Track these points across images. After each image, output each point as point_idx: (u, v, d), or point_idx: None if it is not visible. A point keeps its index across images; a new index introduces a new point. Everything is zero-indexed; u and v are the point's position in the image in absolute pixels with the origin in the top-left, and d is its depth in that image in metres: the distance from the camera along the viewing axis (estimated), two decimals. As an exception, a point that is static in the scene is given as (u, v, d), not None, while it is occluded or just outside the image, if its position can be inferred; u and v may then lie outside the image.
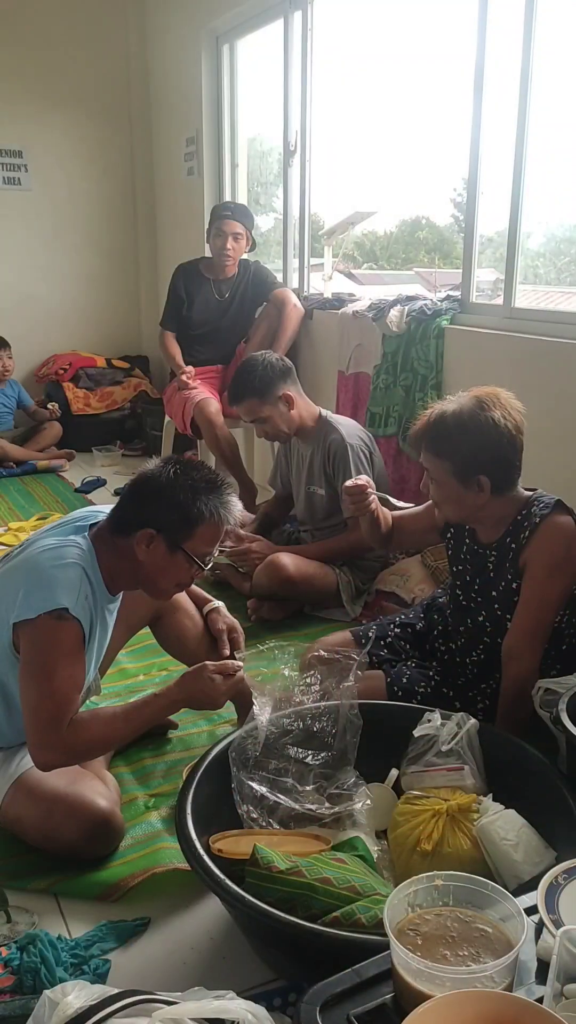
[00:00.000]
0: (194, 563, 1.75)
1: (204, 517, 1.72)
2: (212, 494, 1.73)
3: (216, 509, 1.73)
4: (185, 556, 1.73)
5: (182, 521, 1.71)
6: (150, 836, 1.81)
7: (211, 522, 1.73)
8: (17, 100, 5.20)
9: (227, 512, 1.75)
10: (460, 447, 1.85)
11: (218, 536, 1.77)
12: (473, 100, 3.02)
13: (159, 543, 1.72)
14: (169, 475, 1.72)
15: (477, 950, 1.01)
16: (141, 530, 1.71)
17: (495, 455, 1.86)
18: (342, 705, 1.75)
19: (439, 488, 1.93)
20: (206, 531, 1.73)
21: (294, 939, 1.25)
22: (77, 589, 1.65)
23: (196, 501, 1.71)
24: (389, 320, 3.34)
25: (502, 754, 1.69)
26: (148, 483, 1.75)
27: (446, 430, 1.86)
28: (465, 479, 1.87)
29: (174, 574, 1.77)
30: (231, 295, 4.09)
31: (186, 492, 1.71)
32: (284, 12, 4.03)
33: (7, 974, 1.40)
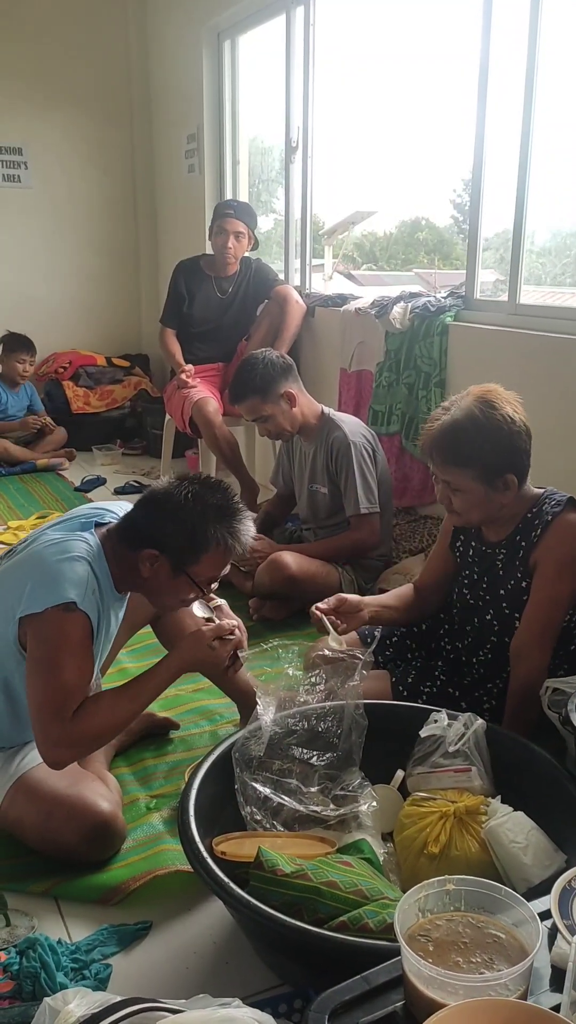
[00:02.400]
0: (197, 588, 1.73)
1: (211, 545, 1.68)
2: (223, 521, 1.69)
3: (225, 537, 1.69)
4: (188, 580, 1.71)
5: (188, 547, 1.68)
6: (152, 838, 1.78)
7: (218, 550, 1.69)
8: (17, 97, 5.17)
9: (236, 540, 1.71)
10: (483, 451, 1.81)
11: (225, 563, 1.74)
12: (477, 98, 2.99)
13: (163, 564, 1.69)
14: (181, 497, 1.69)
15: (490, 956, 0.98)
16: (146, 549, 1.68)
17: (517, 450, 1.83)
18: (347, 705, 1.73)
19: (464, 496, 1.87)
20: (212, 558, 1.70)
21: (300, 944, 1.22)
22: (84, 583, 1.63)
23: (206, 528, 1.68)
24: (392, 317, 3.31)
25: (510, 755, 1.67)
26: (160, 502, 1.71)
27: (465, 437, 1.81)
28: (492, 482, 1.83)
29: (175, 595, 1.76)
30: (232, 292, 4.06)
31: (197, 518, 1.68)
32: (286, 8, 4.01)
33: (6, 979, 1.37)
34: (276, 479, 3.25)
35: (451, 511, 1.92)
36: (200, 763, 1.62)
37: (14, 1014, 1.25)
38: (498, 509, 1.88)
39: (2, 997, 1.34)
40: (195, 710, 2.30)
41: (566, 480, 2.30)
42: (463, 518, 1.91)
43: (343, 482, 2.86)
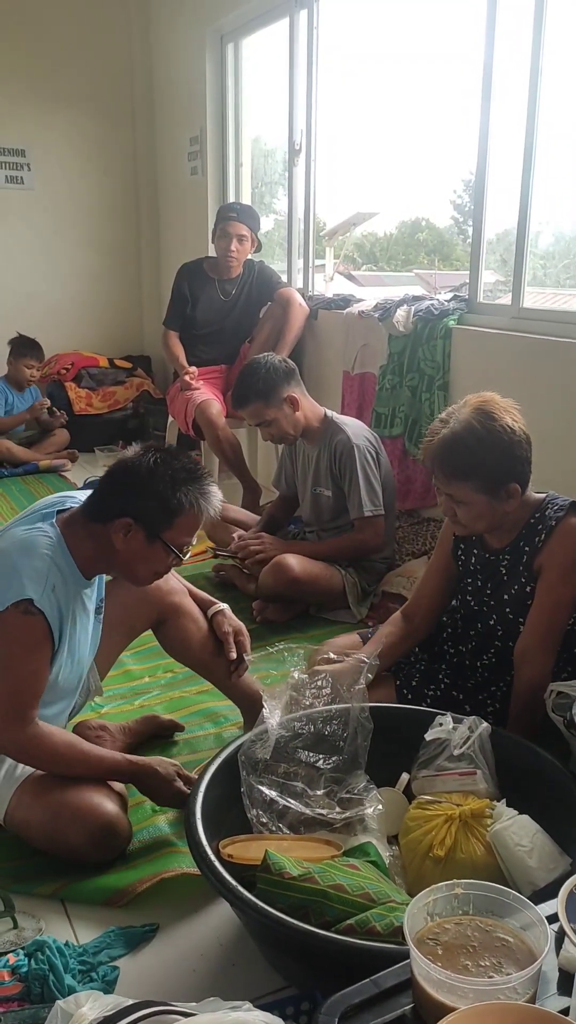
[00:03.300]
0: (172, 553, 1.74)
1: (184, 508, 1.71)
2: (192, 484, 1.72)
3: (196, 500, 1.72)
4: (164, 546, 1.73)
5: (161, 512, 1.71)
6: (158, 841, 1.79)
7: (190, 513, 1.72)
8: (20, 99, 5.18)
9: (207, 503, 1.74)
10: (486, 463, 1.81)
11: (197, 526, 1.77)
12: (481, 99, 3.00)
13: (137, 533, 1.71)
14: (149, 464, 1.71)
15: (499, 960, 0.99)
16: (119, 519, 1.70)
17: (518, 459, 1.84)
18: (353, 708, 1.73)
19: (468, 508, 1.87)
20: (185, 521, 1.73)
21: (308, 947, 1.23)
22: (44, 579, 1.64)
23: (176, 492, 1.70)
24: (395, 320, 3.32)
25: (514, 758, 1.67)
26: (127, 472, 1.73)
27: (466, 450, 1.82)
28: (495, 492, 1.83)
29: (151, 563, 1.77)
30: (236, 295, 4.07)
31: (166, 482, 1.70)
32: (290, 11, 4.01)
33: (15, 981, 1.37)
34: (279, 482, 3.26)
35: (455, 523, 1.92)
36: (206, 766, 1.63)
37: (24, 1016, 1.26)
38: (502, 517, 1.89)
39: (11, 999, 1.35)
40: (199, 712, 2.31)
41: (570, 484, 2.30)
42: (468, 529, 1.92)
43: (347, 485, 2.87)
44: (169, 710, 2.30)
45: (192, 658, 2.08)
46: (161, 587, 2.00)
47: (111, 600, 2.01)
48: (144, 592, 1.98)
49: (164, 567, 1.80)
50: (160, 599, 2.00)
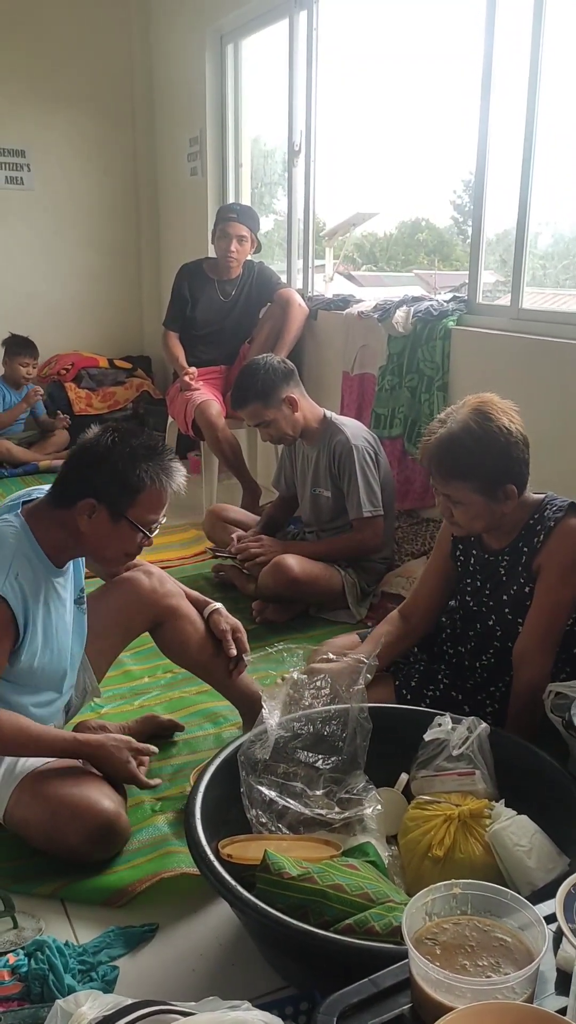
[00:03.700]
0: (139, 531, 1.74)
1: (145, 484, 1.71)
2: (152, 460, 1.72)
3: (157, 475, 1.72)
4: (129, 525, 1.73)
5: (123, 489, 1.70)
6: (157, 840, 1.79)
7: (152, 488, 1.72)
8: (20, 100, 5.18)
9: (169, 478, 1.74)
10: (483, 463, 1.82)
11: (162, 502, 1.76)
12: (481, 99, 3.00)
13: (101, 513, 1.71)
14: (107, 443, 1.71)
15: (497, 960, 0.99)
16: (82, 501, 1.70)
17: (515, 460, 1.84)
18: (352, 708, 1.74)
19: (465, 509, 1.87)
20: (148, 498, 1.72)
21: (307, 947, 1.23)
22: (7, 567, 1.65)
23: (136, 468, 1.70)
24: (395, 321, 3.32)
25: (513, 759, 1.68)
26: (87, 452, 1.74)
27: (463, 450, 1.82)
28: (492, 493, 1.84)
29: (119, 543, 1.76)
30: (235, 296, 4.08)
31: (125, 460, 1.70)
32: (289, 12, 4.02)
33: (14, 981, 1.38)
34: (278, 482, 3.26)
35: (453, 523, 1.93)
36: (206, 766, 1.64)
37: (24, 1016, 1.26)
38: (500, 518, 1.90)
39: (10, 999, 1.36)
40: (199, 712, 2.31)
41: (568, 484, 2.31)
42: (465, 529, 1.92)
43: (346, 486, 2.88)
44: (169, 710, 2.31)
45: (190, 660, 2.08)
46: (157, 590, 2.00)
47: (106, 603, 2.02)
48: (141, 595, 1.99)
49: (133, 547, 1.78)
50: (156, 602, 2.00)
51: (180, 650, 2.06)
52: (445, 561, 2.09)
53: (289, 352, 3.81)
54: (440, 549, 2.11)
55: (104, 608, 2.02)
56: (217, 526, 3.30)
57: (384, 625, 2.16)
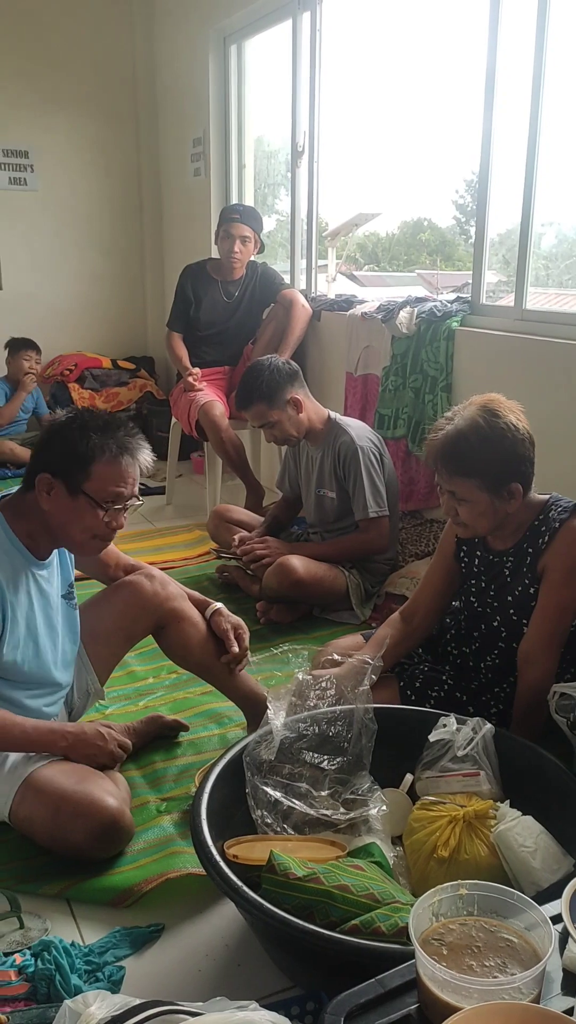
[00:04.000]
0: (98, 506, 1.72)
1: (96, 454, 1.70)
2: (106, 432, 1.71)
3: (109, 445, 1.70)
4: (88, 499, 1.71)
5: (74, 460, 1.70)
6: (163, 840, 1.80)
7: (106, 459, 1.70)
8: (23, 101, 5.19)
9: (123, 449, 1.72)
10: (488, 460, 1.82)
11: (119, 474, 1.73)
12: (484, 99, 3.00)
13: (59, 488, 1.72)
14: (64, 419, 1.73)
15: (503, 960, 0.99)
16: (38, 476, 1.71)
17: (521, 459, 1.84)
18: (357, 709, 1.74)
19: (470, 507, 1.87)
20: (103, 469, 1.71)
21: (313, 947, 1.24)
22: None
23: (86, 439, 1.70)
24: (399, 322, 3.33)
25: (518, 760, 1.68)
26: (43, 431, 1.77)
27: (468, 447, 1.82)
28: (497, 491, 1.84)
29: (82, 521, 1.74)
30: (239, 296, 4.08)
31: (75, 431, 1.70)
32: (293, 13, 4.02)
33: (21, 981, 1.38)
34: (282, 483, 3.26)
35: (458, 523, 1.92)
36: (211, 767, 1.64)
37: (32, 1016, 1.26)
38: (504, 518, 1.90)
39: (17, 999, 1.36)
40: (203, 713, 2.32)
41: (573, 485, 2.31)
42: (470, 528, 1.92)
43: (351, 487, 2.88)
44: (173, 711, 2.31)
45: (193, 663, 2.08)
46: (159, 594, 2.00)
47: (109, 607, 2.03)
48: (143, 599, 1.99)
49: (99, 526, 1.75)
50: (159, 606, 2.00)
51: (183, 653, 2.06)
52: (448, 563, 2.08)
53: (293, 353, 3.82)
54: (443, 551, 2.11)
55: (106, 612, 2.03)
56: (221, 527, 3.31)
57: (385, 628, 2.16)
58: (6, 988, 1.34)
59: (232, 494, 4.09)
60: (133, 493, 1.78)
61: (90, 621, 2.02)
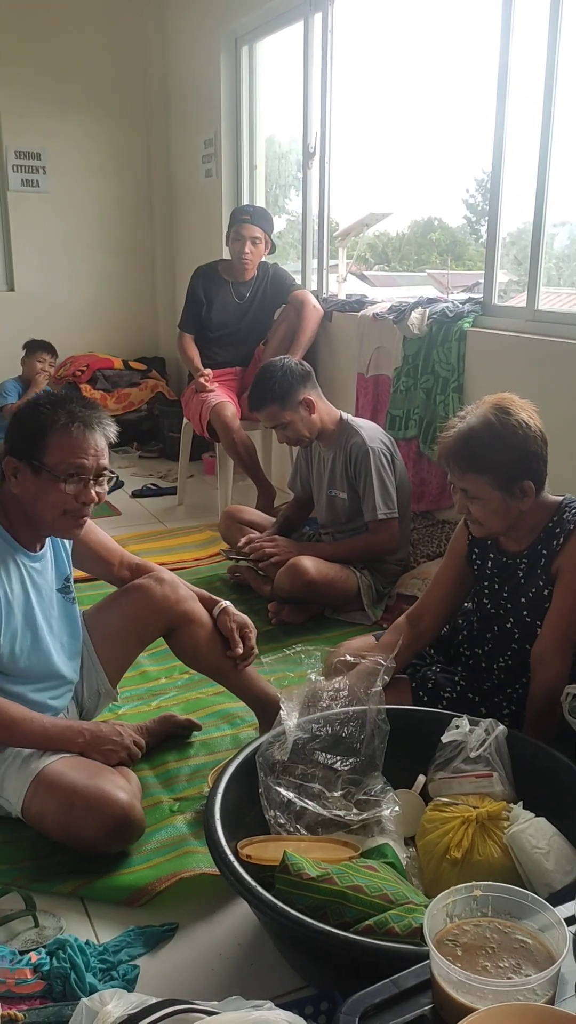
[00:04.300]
0: (58, 479, 1.73)
1: (47, 426, 1.73)
2: (56, 406, 1.75)
3: (59, 415, 1.73)
4: (48, 474, 1.73)
5: (28, 437, 1.73)
6: (176, 840, 1.81)
7: (57, 429, 1.73)
8: (36, 102, 5.22)
9: (73, 418, 1.74)
10: (500, 457, 1.81)
11: (75, 444, 1.74)
12: (496, 97, 3.00)
13: (24, 470, 1.74)
14: (24, 404, 1.80)
15: (518, 961, 1.00)
16: (4, 462, 1.75)
17: (533, 456, 1.84)
18: (370, 710, 1.74)
19: (482, 505, 1.86)
20: (57, 441, 1.73)
21: (328, 947, 1.24)
22: None
23: (37, 414, 1.73)
24: (410, 322, 3.33)
25: (531, 761, 1.68)
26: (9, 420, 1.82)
27: (480, 444, 1.82)
28: (509, 488, 1.84)
29: (48, 498, 1.75)
30: (250, 297, 4.09)
31: (30, 410, 1.76)
32: (304, 14, 4.03)
33: (37, 979, 1.39)
34: (294, 483, 3.27)
35: (471, 521, 1.92)
36: (225, 767, 1.65)
37: (49, 1014, 1.27)
38: (517, 517, 1.89)
39: (33, 996, 1.37)
40: (216, 713, 2.33)
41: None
42: (484, 528, 1.91)
43: (362, 488, 2.88)
44: (186, 711, 2.32)
45: (204, 664, 2.09)
46: (169, 597, 2.01)
47: (120, 609, 2.05)
48: (153, 602, 2.00)
49: (68, 501, 1.76)
50: (169, 609, 2.01)
51: (193, 654, 2.07)
52: (459, 565, 2.08)
53: (304, 353, 3.82)
54: (454, 553, 2.10)
55: (117, 615, 2.05)
56: (233, 527, 3.32)
57: (390, 635, 2.13)
58: (22, 986, 1.35)
59: (243, 495, 4.10)
60: (98, 465, 1.77)
61: (101, 624, 2.05)
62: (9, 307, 5.42)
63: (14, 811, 1.77)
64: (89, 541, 2.02)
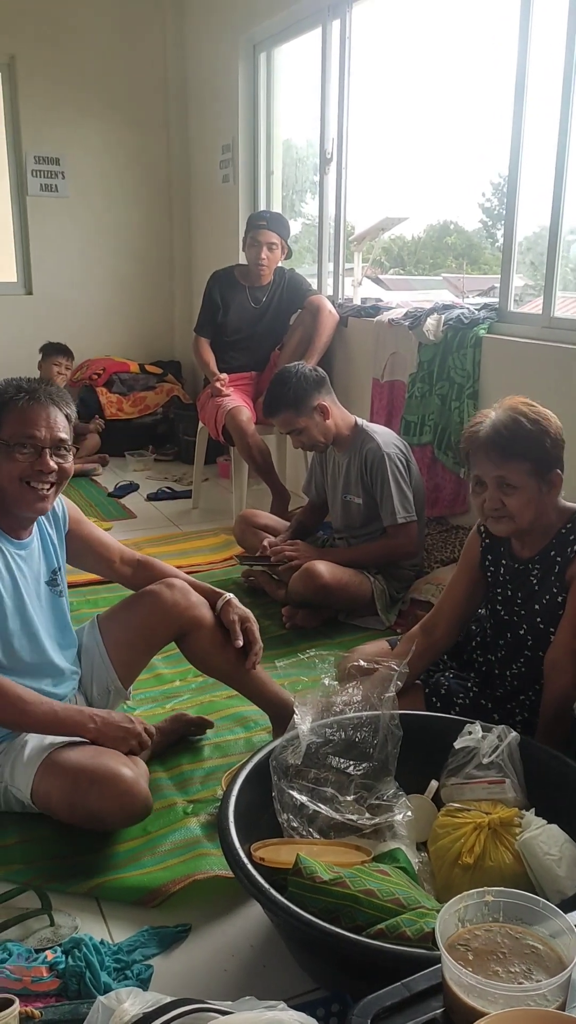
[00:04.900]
0: (11, 447, 1.79)
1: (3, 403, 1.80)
2: (7, 384, 1.83)
3: (8, 391, 1.81)
4: (3, 445, 1.79)
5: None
6: (189, 842, 1.82)
7: (8, 404, 1.81)
8: (55, 108, 5.26)
9: (20, 390, 1.81)
10: (539, 442, 1.82)
11: (26, 414, 1.80)
12: (514, 102, 3.01)
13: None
14: None
15: (529, 967, 1.00)
16: None
17: (561, 445, 1.86)
18: (383, 715, 1.75)
19: (518, 494, 1.85)
20: (9, 416, 1.80)
21: (340, 950, 1.25)
22: None
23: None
24: (426, 328, 3.34)
25: (543, 768, 1.69)
26: None
27: (522, 430, 1.82)
28: (544, 476, 1.84)
29: (7, 471, 1.81)
30: (266, 302, 4.11)
31: None
32: (322, 21, 4.05)
33: (52, 977, 1.41)
34: (308, 488, 3.28)
35: (502, 516, 1.88)
36: (238, 770, 1.66)
37: (64, 1011, 1.29)
38: (539, 515, 1.89)
39: (48, 994, 1.39)
40: (230, 717, 2.34)
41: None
42: (516, 522, 1.88)
43: (379, 493, 2.89)
44: (200, 714, 2.33)
45: (216, 669, 2.11)
46: (180, 603, 2.03)
47: (131, 615, 2.08)
48: (163, 608, 2.03)
49: (23, 468, 1.81)
50: (180, 615, 2.03)
51: (204, 659, 2.09)
52: (472, 573, 2.08)
53: (319, 359, 3.84)
54: (467, 560, 2.10)
55: (128, 620, 2.08)
56: (248, 531, 3.33)
57: (404, 644, 2.13)
58: (38, 984, 1.37)
59: (258, 498, 4.12)
60: (53, 437, 1.82)
61: (113, 627, 2.08)
62: (28, 310, 5.46)
63: (25, 799, 1.81)
64: (83, 535, 2.07)
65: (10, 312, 5.41)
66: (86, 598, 3.11)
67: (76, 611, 2.93)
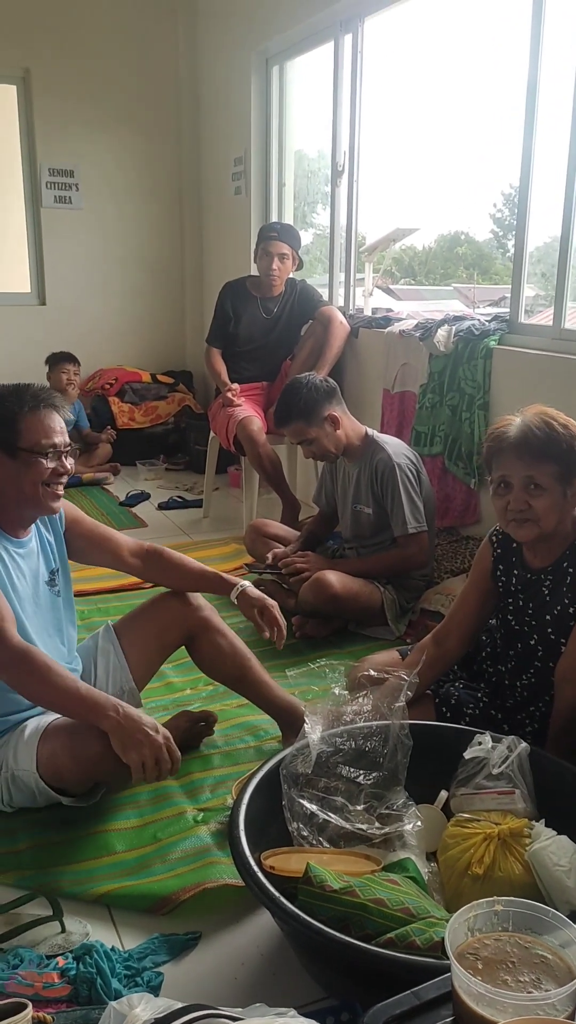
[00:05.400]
0: (40, 455, 1.85)
1: (15, 411, 1.85)
2: (17, 395, 1.87)
3: (24, 402, 1.86)
4: (26, 453, 1.85)
5: (3, 425, 1.85)
6: (200, 850, 1.83)
7: (25, 412, 1.86)
8: (69, 120, 5.32)
9: (36, 401, 1.87)
10: (564, 448, 1.83)
11: (44, 424, 1.88)
12: (525, 112, 3.02)
13: (1, 457, 1.85)
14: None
15: (538, 976, 1.01)
16: None
17: None
18: (393, 725, 1.76)
19: (545, 496, 1.85)
20: (29, 423, 1.86)
21: (350, 959, 1.26)
22: None
23: (3, 404, 1.85)
24: (436, 340, 3.35)
25: (553, 779, 1.69)
26: None
27: (554, 431, 1.83)
28: (569, 482, 1.85)
29: (28, 476, 1.87)
30: (278, 313, 4.13)
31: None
32: (335, 35, 4.08)
33: (63, 983, 1.42)
34: (319, 498, 3.30)
35: (526, 520, 1.87)
36: (248, 778, 1.67)
37: (76, 1017, 1.30)
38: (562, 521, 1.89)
39: (60, 1000, 1.40)
40: (240, 725, 2.35)
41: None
42: (541, 524, 1.87)
43: (389, 504, 2.90)
44: (210, 722, 2.34)
45: (225, 674, 2.13)
46: (190, 603, 2.07)
47: (142, 620, 2.12)
48: (171, 610, 2.07)
49: (43, 473, 1.88)
50: (188, 615, 2.06)
51: (212, 663, 2.12)
52: (484, 583, 2.08)
53: (330, 369, 3.86)
54: (479, 571, 2.10)
55: (140, 622, 2.13)
56: (258, 541, 3.35)
57: (415, 654, 2.13)
58: (50, 990, 1.37)
59: (268, 508, 4.13)
60: (65, 441, 1.93)
61: (128, 631, 2.12)
62: (41, 320, 5.51)
63: (31, 775, 1.82)
64: (83, 532, 2.11)
65: (24, 322, 5.46)
66: (97, 606, 3.12)
67: (88, 619, 2.96)
